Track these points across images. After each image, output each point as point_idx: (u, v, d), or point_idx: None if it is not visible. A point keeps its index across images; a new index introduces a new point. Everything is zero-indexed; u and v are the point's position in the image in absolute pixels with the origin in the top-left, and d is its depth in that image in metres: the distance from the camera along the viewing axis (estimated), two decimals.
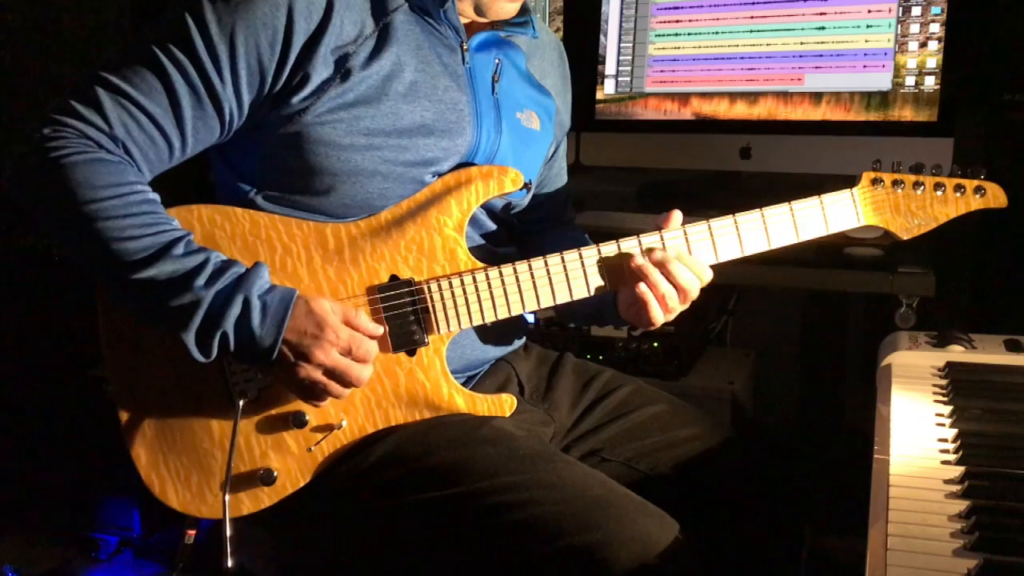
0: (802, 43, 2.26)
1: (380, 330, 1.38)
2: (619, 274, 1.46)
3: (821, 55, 2.24)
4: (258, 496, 1.43)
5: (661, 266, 1.42)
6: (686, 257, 1.44)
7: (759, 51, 2.31)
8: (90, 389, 2.52)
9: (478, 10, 1.51)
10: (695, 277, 1.44)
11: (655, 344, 2.33)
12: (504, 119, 1.54)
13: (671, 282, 1.42)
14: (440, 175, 1.46)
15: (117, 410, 1.43)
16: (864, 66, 2.20)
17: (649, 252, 1.44)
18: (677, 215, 1.47)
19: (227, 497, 1.39)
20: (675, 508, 1.32)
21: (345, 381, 1.34)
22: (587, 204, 2.42)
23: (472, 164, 1.49)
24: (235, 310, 1.28)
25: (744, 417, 2.37)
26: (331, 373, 1.33)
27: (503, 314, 1.45)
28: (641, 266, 1.42)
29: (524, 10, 1.59)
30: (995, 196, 1.54)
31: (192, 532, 1.50)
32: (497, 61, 1.56)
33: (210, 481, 1.42)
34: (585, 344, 2.35)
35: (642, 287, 1.43)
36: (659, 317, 1.45)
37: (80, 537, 2.65)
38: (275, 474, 1.42)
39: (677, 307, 1.45)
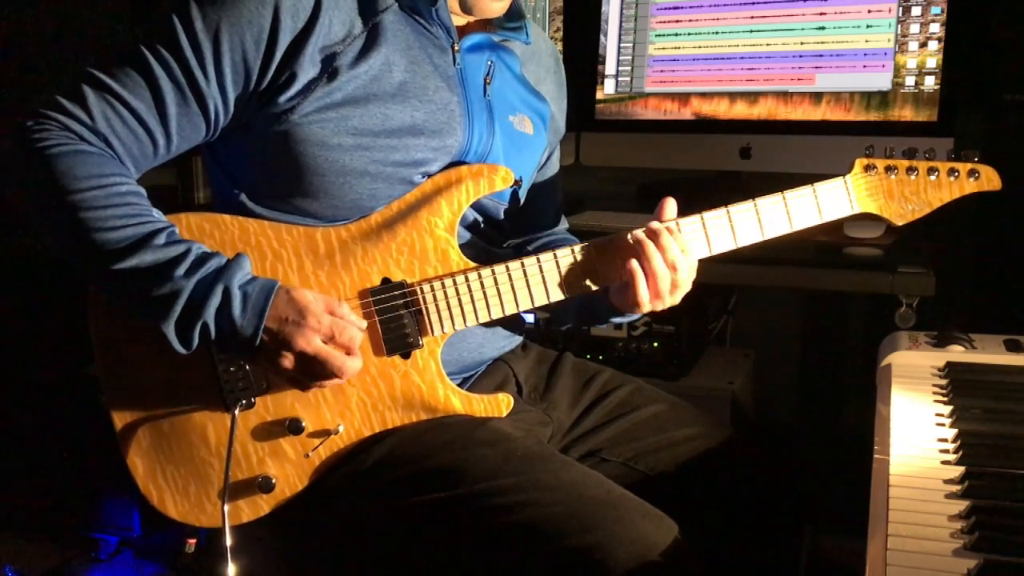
0: (802, 43, 2.26)
1: (364, 323, 1.38)
2: (611, 267, 1.45)
3: (821, 55, 2.24)
4: (257, 503, 1.42)
5: (656, 239, 1.40)
6: (677, 236, 1.42)
7: (759, 51, 2.31)
8: (90, 389, 2.52)
9: (463, 7, 1.50)
10: (683, 257, 1.41)
11: (655, 344, 2.33)
12: (497, 121, 1.54)
13: (664, 258, 1.40)
14: (430, 175, 1.46)
15: (113, 420, 1.43)
16: (864, 66, 2.20)
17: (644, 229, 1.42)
18: (671, 203, 1.46)
19: (226, 506, 1.39)
20: (674, 509, 1.32)
21: (329, 370, 1.32)
22: (587, 204, 2.42)
23: (462, 164, 1.48)
24: (215, 300, 1.28)
25: (744, 417, 2.37)
26: (314, 361, 1.31)
27: (497, 314, 1.44)
28: (638, 239, 1.40)
29: (519, 14, 1.58)
30: (989, 179, 1.53)
31: (192, 541, 1.50)
32: (489, 63, 1.55)
33: (208, 490, 1.42)
34: (585, 343, 2.35)
35: (634, 263, 1.40)
36: (644, 296, 1.41)
37: (80, 537, 2.64)
38: (273, 481, 1.41)
39: (666, 293, 1.42)
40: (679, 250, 1.41)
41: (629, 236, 1.42)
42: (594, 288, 1.46)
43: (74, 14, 2.82)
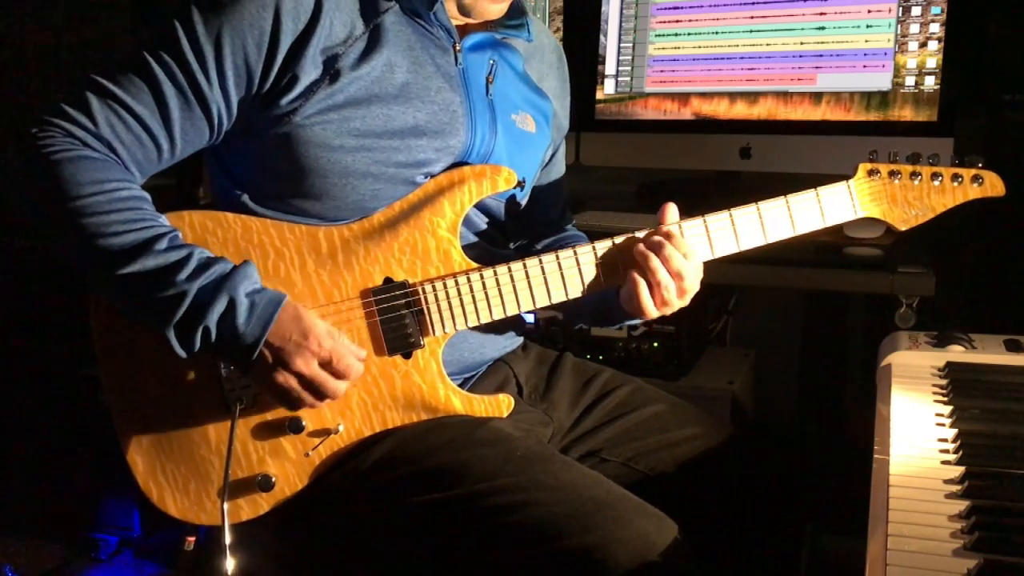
0: (802, 43, 2.26)
1: (363, 352, 1.38)
2: (614, 269, 1.45)
3: (821, 55, 2.24)
4: (256, 502, 1.42)
5: (658, 251, 1.40)
6: (679, 242, 1.42)
7: (759, 51, 2.30)
8: (90, 389, 2.52)
9: (462, 10, 1.50)
10: (687, 263, 1.41)
11: (655, 344, 2.33)
12: (499, 120, 1.54)
13: (667, 268, 1.40)
14: (432, 176, 1.45)
15: (113, 419, 1.43)
16: (864, 66, 2.20)
17: (646, 238, 1.43)
18: (672, 208, 1.46)
19: (225, 505, 1.39)
20: (675, 509, 1.32)
21: (320, 393, 1.34)
22: (587, 204, 2.41)
23: (465, 164, 1.48)
24: (219, 307, 1.28)
25: (744, 417, 2.36)
26: (308, 383, 1.33)
27: (499, 314, 1.44)
28: (642, 252, 1.41)
29: (520, 12, 1.58)
30: (992, 185, 1.53)
31: (191, 539, 1.50)
32: (492, 62, 1.55)
33: (208, 488, 1.42)
34: (585, 344, 2.35)
35: (636, 275, 1.41)
36: (650, 306, 1.42)
37: (80, 537, 2.64)
38: (273, 480, 1.41)
39: (674, 299, 1.43)
40: (682, 258, 1.41)
41: (634, 251, 1.42)
42: (595, 292, 1.46)
43: (76, 17, 2.82)
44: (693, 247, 1.43)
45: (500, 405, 1.48)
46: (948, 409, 1.37)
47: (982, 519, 1.05)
